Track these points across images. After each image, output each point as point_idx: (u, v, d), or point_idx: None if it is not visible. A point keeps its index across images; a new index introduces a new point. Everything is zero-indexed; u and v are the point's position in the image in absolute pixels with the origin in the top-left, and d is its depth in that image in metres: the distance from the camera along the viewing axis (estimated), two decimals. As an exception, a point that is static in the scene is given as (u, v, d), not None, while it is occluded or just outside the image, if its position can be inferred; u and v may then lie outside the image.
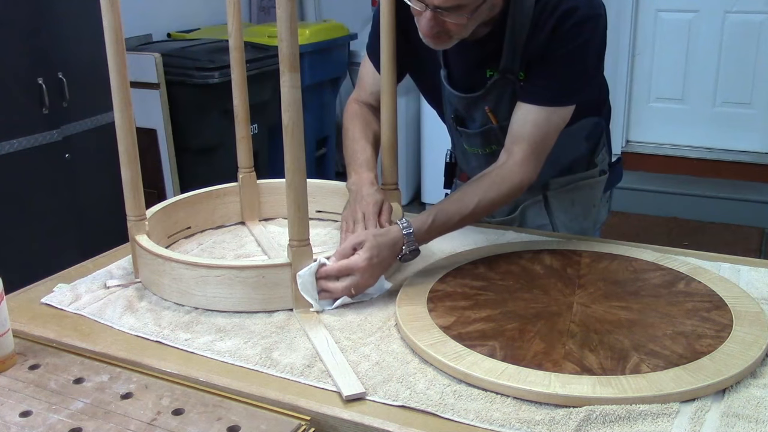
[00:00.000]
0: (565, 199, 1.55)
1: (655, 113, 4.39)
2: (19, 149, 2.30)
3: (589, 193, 1.57)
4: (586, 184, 1.55)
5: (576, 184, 1.55)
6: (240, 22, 1.48)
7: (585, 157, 1.57)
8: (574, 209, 1.56)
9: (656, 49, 4.29)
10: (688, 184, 4.15)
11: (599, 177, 1.57)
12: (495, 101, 1.40)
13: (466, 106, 1.46)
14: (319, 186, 1.59)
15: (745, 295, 1.18)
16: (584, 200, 1.56)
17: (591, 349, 1.03)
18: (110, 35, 1.18)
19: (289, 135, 1.12)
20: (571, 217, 1.56)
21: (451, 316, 1.14)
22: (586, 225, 1.58)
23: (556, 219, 1.56)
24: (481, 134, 1.48)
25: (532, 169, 1.34)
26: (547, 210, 1.55)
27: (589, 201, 1.57)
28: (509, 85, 1.38)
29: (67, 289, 1.29)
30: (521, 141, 1.33)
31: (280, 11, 1.07)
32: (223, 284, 1.19)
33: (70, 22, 2.45)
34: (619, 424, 0.90)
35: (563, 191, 1.55)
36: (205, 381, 1.02)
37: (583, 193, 1.56)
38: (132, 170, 1.27)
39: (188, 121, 3.15)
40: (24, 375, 1.03)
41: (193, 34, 3.72)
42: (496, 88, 1.39)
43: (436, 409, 0.94)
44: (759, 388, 0.97)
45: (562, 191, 1.55)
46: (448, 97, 1.48)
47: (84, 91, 2.49)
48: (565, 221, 1.56)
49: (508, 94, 1.39)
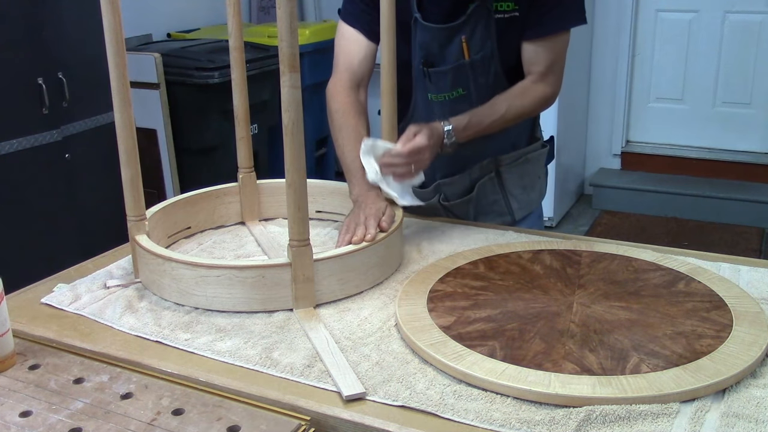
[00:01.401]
0: (514, 173, 1.65)
1: (655, 113, 4.39)
2: (19, 149, 2.30)
3: (535, 165, 1.68)
4: (532, 157, 1.67)
5: (525, 157, 1.66)
6: (240, 22, 1.48)
7: (527, 131, 1.69)
8: (523, 182, 1.67)
9: (656, 49, 4.30)
10: (688, 184, 4.16)
11: (541, 149, 1.69)
12: (470, 32, 1.49)
13: (441, 41, 1.50)
14: (319, 186, 1.59)
15: (745, 295, 1.18)
16: (531, 173, 1.68)
17: (591, 349, 1.04)
18: (110, 35, 1.18)
19: (289, 135, 1.12)
20: (520, 190, 1.67)
21: (451, 316, 1.14)
22: (533, 196, 1.70)
23: (508, 193, 1.66)
24: (452, 71, 1.53)
25: (553, 82, 1.53)
26: (500, 185, 1.65)
27: (534, 173, 1.69)
28: (484, 17, 1.47)
29: (67, 289, 1.29)
30: (538, 63, 1.50)
31: (280, 11, 1.07)
32: (223, 284, 1.19)
33: (70, 22, 2.45)
34: (619, 424, 0.90)
35: (513, 166, 1.65)
36: (205, 381, 1.02)
37: (529, 166, 1.67)
38: (132, 170, 1.27)
39: (188, 121, 3.15)
40: (24, 375, 1.03)
41: (193, 34, 3.72)
42: (474, 16, 1.47)
43: (436, 409, 0.94)
44: (759, 388, 0.97)
45: (512, 166, 1.65)
46: (421, 39, 1.51)
47: (84, 91, 2.49)
48: (516, 194, 1.66)
49: (481, 26, 1.48)
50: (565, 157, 4.08)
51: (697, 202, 4.04)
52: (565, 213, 4.27)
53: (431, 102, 1.58)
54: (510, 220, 1.67)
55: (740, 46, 4.08)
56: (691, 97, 4.29)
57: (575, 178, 4.45)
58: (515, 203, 1.66)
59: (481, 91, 1.53)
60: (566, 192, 4.26)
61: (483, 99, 1.52)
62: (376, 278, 1.29)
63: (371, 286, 1.28)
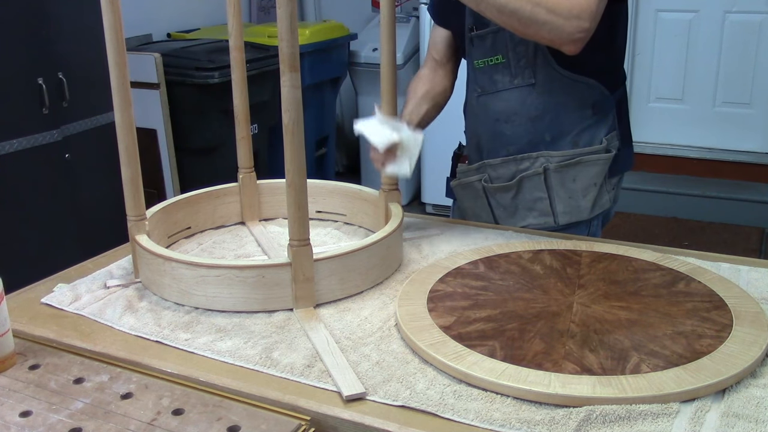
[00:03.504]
0: (566, 173, 1.55)
1: (655, 113, 4.39)
2: (19, 149, 2.30)
3: (592, 170, 1.56)
4: (589, 160, 1.55)
5: (579, 159, 1.55)
6: (240, 22, 1.48)
7: (590, 130, 1.57)
8: (574, 185, 1.56)
9: (656, 49, 4.30)
10: (688, 184, 4.16)
11: (603, 154, 1.56)
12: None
13: None
14: (319, 186, 1.59)
15: (745, 295, 1.18)
16: (585, 178, 1.56)
17: (591, 349, 1.04)
18: (110, 35, 1.18)
19: (289, 135, 1.12)
20: (569, 194, 1.56)
21: (451, 316, 1.14)
22: (584, 204, 1.57)
23: (555, 193, 1.56)
24: (491, 35, 1.54)
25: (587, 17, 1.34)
26: (546, 184, 1.56)
27: (590, 179, 1.56)
28: None
29: (67, 289, 1.29)
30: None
31: (280, 11, 1.07)
32: (223, 284, 1.19)
33: (70, 22, 2.46)
34: (619, 424, 0.90)
35: (565, 166, 1.55)
36: (205, 381, 1.02)
37: (585, 170, 1.56)
38: (132, 170, 1.27)
39: (188, 121, 3.15)
40: (24, 375, 1.03)
41: (193, 34, 3.72)
42: None
43: (436, 409, 0.94)
44: (759, 388, 0.97)
45: (563, 166, 1.55)
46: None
47: (84, 91, 2.49)
48: (563, 197, 1.56)
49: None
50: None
51: (697, 202, 4.04)
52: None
53: (475, 69, 1.61)
54: (552, 223, 1.58)
55: (740, 46, 4.08)
56: (691, 97, 4.29)
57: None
58: (560, 206, 1.56)
59: (519, 60, 1.52)
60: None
61: (522, 69, 1.52)
62: (376, 278, 1.29)
63: (371, 286, 1.28)
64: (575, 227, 1.59)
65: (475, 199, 1.65)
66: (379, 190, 1.49)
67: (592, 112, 1.56)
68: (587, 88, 1.54)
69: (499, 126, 1.59)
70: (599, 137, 1.57)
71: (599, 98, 1.56)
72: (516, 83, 1.55)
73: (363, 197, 1.55)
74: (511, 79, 1.55)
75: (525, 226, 1.59)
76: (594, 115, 1.56)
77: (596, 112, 1.56)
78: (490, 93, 1.59)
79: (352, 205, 1.57)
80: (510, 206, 1.60)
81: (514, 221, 1.60)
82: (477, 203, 1.65)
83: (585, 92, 1.54)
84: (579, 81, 1.53)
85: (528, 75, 1.53)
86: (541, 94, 1.54)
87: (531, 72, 1.53)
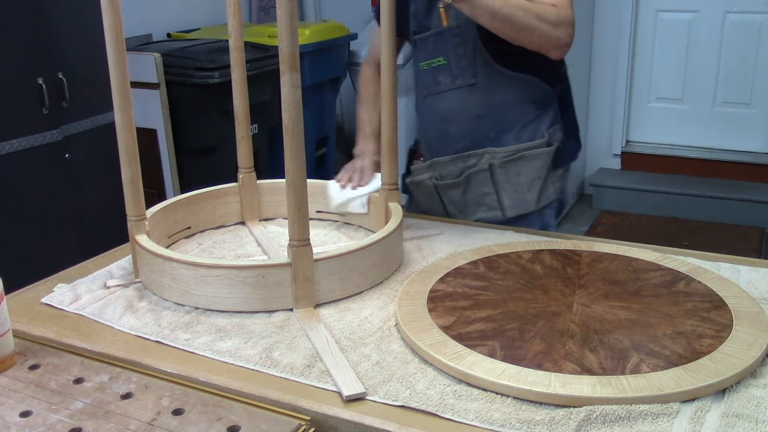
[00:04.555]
0: (510, 168, 1.60)
1: (655, 113, 4.39)
2: (19, 149, 2.30)
3: (535, 164, 1.61)
4: (531, 155, 1.60)
5: (522, 154, 1.60)
6: (240, 22, 1.48)
7: (533, 125, 1.62)
8: (519, 179, 1.61)
9: (656, 49, 4.29)
10: (688, 184, 4.15)
11: (545, 148, 1.61)
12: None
13: (424, 9, 1.60)
14: (319, 186, 1.59)
15: (745, 295, 1.18)
16: (529, 172, 1.61)
17: (591, 349, 1.03)
18: (110, 35, 1.18)
19: (289, 135, 1.12)
20: (515, 188, 1.62)
21: (451, 316, 1.14)
22: (529, 197, 1.62)
23: (501, 188, 1.62)
24: (433, 38, 1.60)
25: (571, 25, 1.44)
26: (492, 179, 1.61)
27: (534, 173, 1.61)
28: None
29: (67, 289, 1.29)
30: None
31: (280, 11, 1.07)
32: (223, 284, 1.19)
33: (70, 22, 2.45)
34: (619, 424, 0.90)
35: (509, 161, 1.60)
36: (205, 381, 1.02)
37: (528, 164, 1.61)
38: (132, 170, 1.27)
39: (188, 121, 3.15)
40: (24, 375, 1.03)
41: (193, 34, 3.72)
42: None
43: (436, 409, 0.94)
44: (759, 388, 0.97)
45: (508, 161, 1.60)
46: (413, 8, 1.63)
47: (84, 91, 2.49)
48: (509, 191, 1.62)
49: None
50: (565, 157, 4.08)
51: (697, 202, 4.04)
52: (566, 213, 4.27)
53: (421, 71, 1.67)
54: (501, 216, 1.63)
55: (740, 46, 4.08)
56: (691, 97, 4.29)
57: (575, 178, 4.45)
58: (507, 200, 1.62)
59: (460, 61, 1.57)
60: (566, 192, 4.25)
61: (462, 70, 1.57)
62: (376, 278, 1.29)
63: (371, 286, 1.28)
64: (526, 219, 1.65)
65: (428, 195, 1.69)
66: (379, 190, 1.49)
67: (533, 108, 1.61)
68: (527, 85, 1.59)
69: (444, 125, 1.65)
70: (541, 131, 1.62)
71: (540, 94, 1.61)
72: (458, 84, 1.60)
73: (363, 197, 1.55)
74: (453, 79, 1.60)
75: (476, 221, 1.64)
76: (536, 110, 1.61)
77: (538, 108, 1.61)
78: (434, 94, 1.64)
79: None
80: (460, 202, 1.66)
81: (465, 216, 1.66)
82: (430, 200, 1.70)
83: (525, 89, 1.59)
84: (519, 79, 1.58)
85: (469, 75, 1.58)
86: (483, 93, 1.59)
87: (472, 72, 1.58)
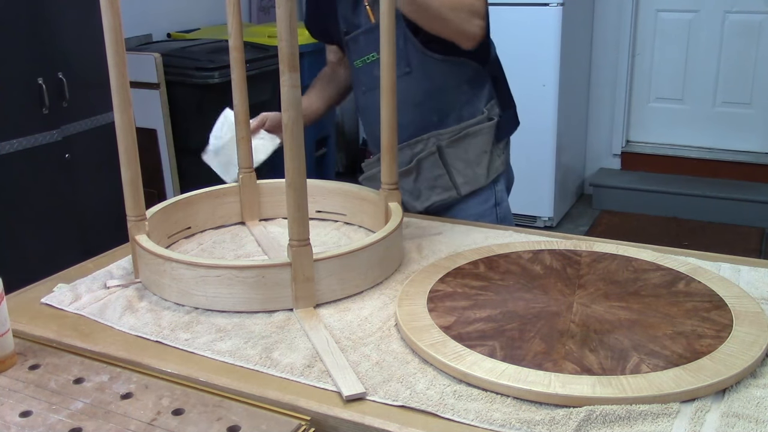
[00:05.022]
0: (458, 147, 1.67)
1: (655, 113, 4.39)
2: (19, 149, 2.30)
3: (480, 139, 1.68)
4: (475, 130, 1.67)
5: (466, 131, 1.66)
6: (240, 22, 1.48)
7: (471, 103, 1.69)
8: (468, 156, 1.68)
9: (656, 49, 4.30)
10: (688, 184, 4.16)
11: (486, 123, 1.68)
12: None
13: (351, 8, 1.66)
14: (319, 186, 1.59)
15: (745, 295, 1.18)
16: (476, 147, 1.68)
17: (591, 349, 1.04)
18: (110, 35, 1.18)
19: (289, 135, 1.12)
20: (465, 164, 1.68)
21: (451, 316, 1.14)
22: (479, 172, 1.69)
23: (452, 167, 1.67)
24: (363, 35, 1.65)
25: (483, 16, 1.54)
26: (442, 160, 1.67)
27: (480, 147, 1.68)
28: None
29: (67, 289, 1.29)
30: None
31: (279, 11, 1.07)
32: (223, 284, 1.19)
33: (70, 22, 2.46)
34: (619, 424, 0.90)
35: (455, 141, 1.66)
36: (205, 381, 1.02)
37: (473, 140, 1.68)
38: (132, 170, 1.27)
39: (188, 121, 3.15)
40: (24, 375, 1.03)
41: (193, 34, 3.72)
42: None
43: (436, 409, 0.94)
44: (759, 388, 0.97)
45: (454, 140, 1.66)
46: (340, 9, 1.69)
47: (84, 91, 2.49)
48: (460, 168, 1.68)
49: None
50: (565, 157, 4.08)
51: (697, 202, 4.04)
52: (565, 213, 4.27)
53: (356, 69, 1.72)
54: (456, 195, 1.68)
55: (740, 46, 4.08)
56: (691, 97, 4.29)
57: (575, 178, 4.45)
58: (459, 178, 1.67)
59: None
60: (566, 192, 4.26)
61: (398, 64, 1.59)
62: (376, 278, 1.29)
63: (371, 286, 1.28)
64: (479, 195, 1.71)
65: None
66: (379, 190, 1.49)
67: (468, 88, 1.68)
68: (460, 67, 1.65)
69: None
70: (480, 108, 1.69)
71: (473, 73, 1.67)
72: None
73: (363, 197, 1.55)
74: None
75: (430, 206, 1.69)
76: (471, 89, 1.68)
77: (473, 87, 1.68)
78: (373, 89, 1.67)
79: (352, 205, 1.57)
80: (414, 190, 1.70)
81: (420, 203, 1.70)
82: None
83: (459, 71, 1.66)
84: (451, 62, 1.63)
85: (403, 65, 1.63)
86: (420, 81, 1.64)
87: (405, 62, 1.63)
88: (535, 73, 3.74)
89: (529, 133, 4.01)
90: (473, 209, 1.70)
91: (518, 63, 3.86)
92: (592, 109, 4.46)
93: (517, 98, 1.79)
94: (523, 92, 3.73)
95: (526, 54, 3.69)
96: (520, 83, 3.78)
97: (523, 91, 3.74)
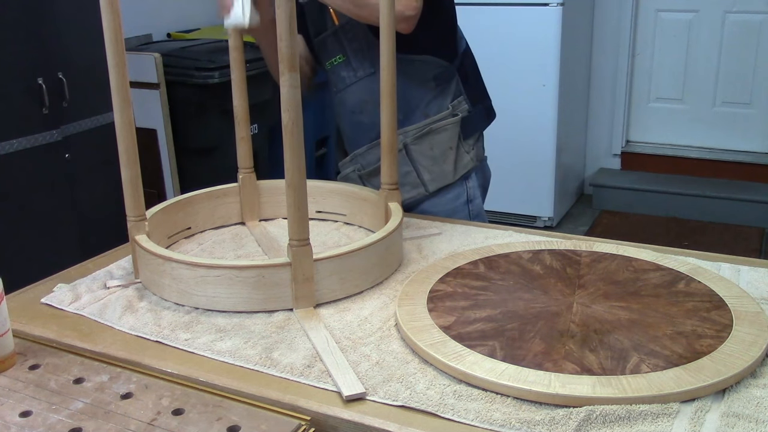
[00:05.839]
0: (423, 143, 1.67)
1: (655, 113, 4.39)
2: (19, 149, 2.30)
3: (444, 136, 1.68)
4: (439, 127, 1.67)
5: (430, 128, 1.66)
6: (240, 22, 1.48)
7: (437, 100, 1.69)
8: (433, 152, 1.68)
9: (656, 49, 4.30)
10: (688, 184, 4.16)
11: (451, 119, 1.68)
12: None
13: (316, 12, 1.68)
14: (319, 186, 1.59)
15: (745, 295, 1.18)
16: (441, 143, 1.68)
17: (591, 349, 1.04)
18: (110, 35, 1.18)
19: (289, 135, 1.12)
20: (431, 161, 1.68)
21: (451, 316, 1.14)
22: (446, 168, 1.69)
23: (418, 164, 1.68)
24: (328, 38, 1.68)
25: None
26: (409, 157, 1.68)
27: (445, 144, 1.68)
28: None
29: (67, 289, 1.29)
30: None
31: (279, 11, 1.07)
32: (223, 284, 1.19)
33: (70, 22, 2.46)
34: (619, 424, 0.90)
35: (420, 136, 1.66)
36: (205, 381, 1.02)
37: (438, 137, 1.68)
38: (132, 170, 1.27)
39: (188, 121, 3.15)
40: (24, 375, 1.03)
41: (193, 34, 3.72)
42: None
43: (436, 409, 0.94)
44: (759, 388, 0.97)
45: (419, 137, 1.66)
46: (308, 14, 1.71)
47: (84, 91, 2.49)
48: (426, 165, 1.68)
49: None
50: (565, 157, 4.08)
51: (697, 202, 4.04)
52: (565, 213, 4.27)
53: (327, 70, 1.75)
54: (425, 192, 1.69)
55: (740, 46, 4.09)
56: (691, 97, 4.29)
57: (575, 178, 4.45)
58: (426, 174, 1.68)
59: (357, 56, 1.66)
60: (566, 192, 4.26)
61: (362, 65, 1.65)
62: (376, 278, 1.29)
63: (371, 286, 1.28)
64: (449, 191, 1.71)
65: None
66: (378, 190, 1.50)
67: (434, 85, 1.68)
68: (425, 65, 1.65)
69: (356, 117, 1.73)
70: (446, 105, 1.69)
71: (439, 71, 1.67)
72: (359, 75, 1.68)
73: (363, 197, 1.55)
74: (354, 72, 1.69)
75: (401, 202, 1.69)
76: (437, 86, 1.68)
77: (438, 84, 1.68)
78: (342, 90, 1.72)
79: (352, 205, 1.57)
80: None
81: None
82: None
83: (424, 68, 1.66)
84: (415, 60, 1.63)
85: (368, 66, 1.66)
86: None
87: (370, 63, 1.65)
88: (535, 73, 3.74)
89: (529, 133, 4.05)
90: (444, 206, 1.71)
91: (518, 63, 3.88)
92: (592, 109, 4.46)
93: (517, 98, 1.80)
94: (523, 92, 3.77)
95: (526, 54, 3.69)
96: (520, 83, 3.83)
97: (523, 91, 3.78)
